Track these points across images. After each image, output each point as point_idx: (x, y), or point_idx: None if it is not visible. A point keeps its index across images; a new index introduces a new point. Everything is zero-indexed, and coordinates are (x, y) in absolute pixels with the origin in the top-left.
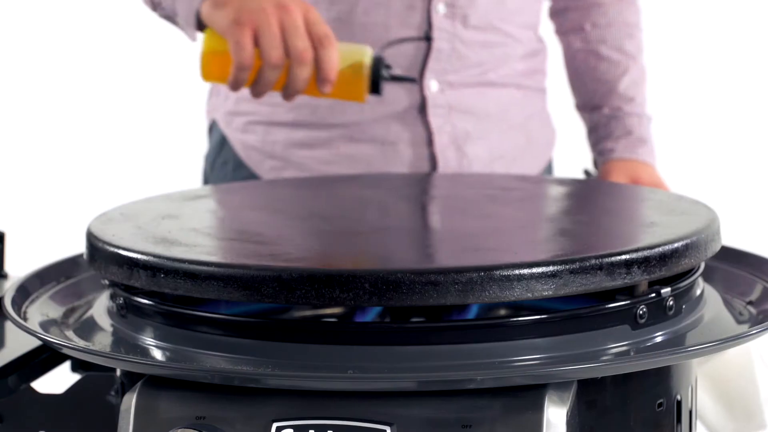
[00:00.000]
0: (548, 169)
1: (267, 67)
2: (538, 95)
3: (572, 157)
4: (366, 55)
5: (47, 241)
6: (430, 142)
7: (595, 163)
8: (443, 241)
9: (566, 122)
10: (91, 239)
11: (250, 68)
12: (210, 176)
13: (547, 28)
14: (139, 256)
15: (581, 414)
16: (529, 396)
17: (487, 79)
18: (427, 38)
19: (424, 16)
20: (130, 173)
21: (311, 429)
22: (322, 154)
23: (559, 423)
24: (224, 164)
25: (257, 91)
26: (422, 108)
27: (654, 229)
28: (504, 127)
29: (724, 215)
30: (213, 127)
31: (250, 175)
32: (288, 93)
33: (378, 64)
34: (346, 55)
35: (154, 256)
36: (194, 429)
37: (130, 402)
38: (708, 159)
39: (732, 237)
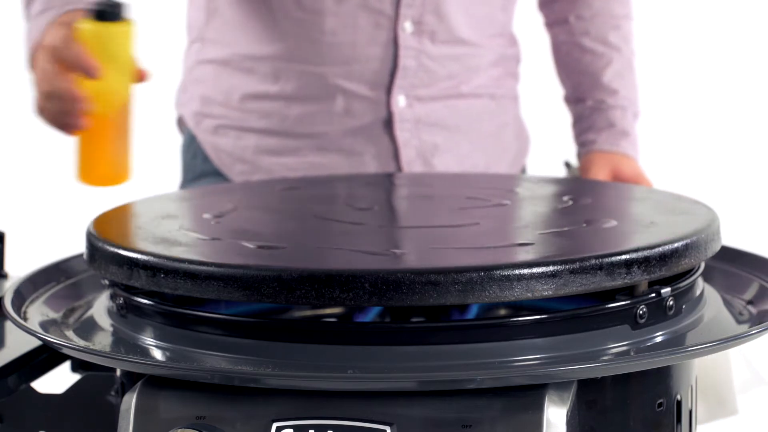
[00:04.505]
0: None
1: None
2: (511, 103)
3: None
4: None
5: (47, 241)
6: (396, 155)
7: (579, 155)
8: (443, 241)
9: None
10: (91, 239)
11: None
12: (183, 171)
13: (529, 22)
14: (139, 256)
15: (581, 414)
16: (529, 396)
17: (458, 91)
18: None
19: (391, 35)
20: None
21: (311, 429)
22: (290, 161)
23: (559, 423)
24: (193, 157)
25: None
26: (389, 122)
27: (654, 229)
28: (475, 137)
29: (724, 215)
30: (181, 124)
31: (217, 170)
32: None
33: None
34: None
35: (154, 256)
36: (194, 429)
37: (130, 402)
38: (708, 159)
39: (732, 237)
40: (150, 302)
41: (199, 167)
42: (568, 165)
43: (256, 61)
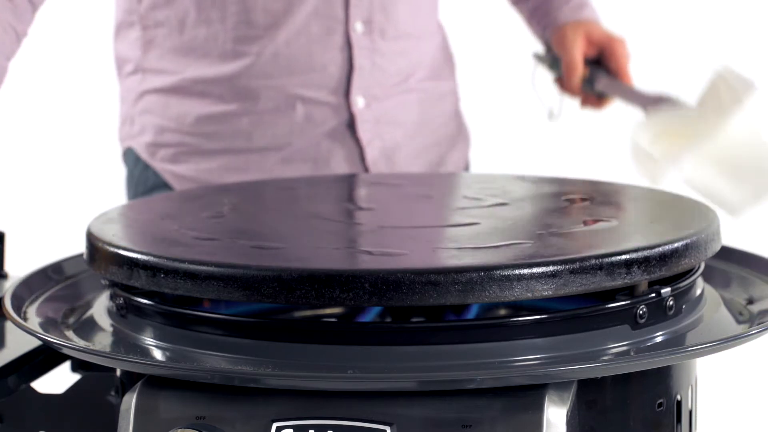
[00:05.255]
0: (466, 168)
1: None
2: (452, 94)
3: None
4: None
5: (47, 241)
6: (362, 157)
7: (546, 40)
8: (443, 241)
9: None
10: (91, 239)
11: None
12: (133, 184)
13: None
14: (139, 256)
15: (581, 414)
16: (529, 396)
17: (407, 86)
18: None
19: (344, 38)
20: None
21: (311, 429)
22: (256, 176)
23: (559, 423)
24: (145, 169)
25: None
26: (351, 125)
27: (654, 229)
28: (427, 131)
29: (724, 215)
30: (127, 156)
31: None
32: None
33: None
34: None
35: (154, 256)
36: (194, 429)
37: (130, 402)
38: None
39: (732, 237)
40: (150, 302)
41: (152, 179)
42: (537, 56)
43: (209, 84)
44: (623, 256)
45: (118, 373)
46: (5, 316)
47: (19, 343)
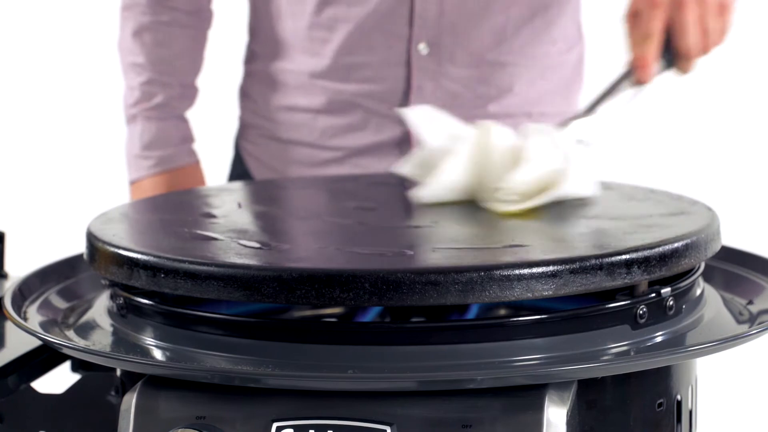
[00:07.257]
0: None
1: None
2: (553, 119)
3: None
4: None
5: (47, 241)
6: None
7: None
8: (443, 241)
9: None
10: (91, 239)
11: None
12: (231, 166)
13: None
14: (139, 256)
15: (581, 414)
16: (529, 396)
17: (485, 111)
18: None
19: (404, 57)
20: None
21: (311, 429)
22: (311, 172)
23: (559, 423)
24: (238, 157)
25: None
26: (408, 140)
27: (654, 229)
28: None
29: (724, 215)
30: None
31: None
32: None
33: None
34: None
35: (154, 256)
36: (194, 429)
37: (130, 402)
38: (708, 159)
39: (732, 237)
40: (150, 302)
41: (239, 168)
42: None
43: (288, 75)
44: (623, 256)
45: (118, 373)
46: (5, 316)
47: (19, 343)
